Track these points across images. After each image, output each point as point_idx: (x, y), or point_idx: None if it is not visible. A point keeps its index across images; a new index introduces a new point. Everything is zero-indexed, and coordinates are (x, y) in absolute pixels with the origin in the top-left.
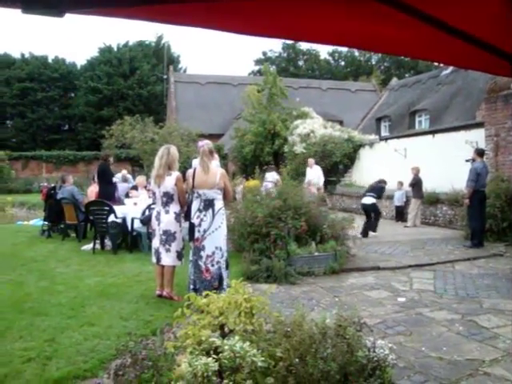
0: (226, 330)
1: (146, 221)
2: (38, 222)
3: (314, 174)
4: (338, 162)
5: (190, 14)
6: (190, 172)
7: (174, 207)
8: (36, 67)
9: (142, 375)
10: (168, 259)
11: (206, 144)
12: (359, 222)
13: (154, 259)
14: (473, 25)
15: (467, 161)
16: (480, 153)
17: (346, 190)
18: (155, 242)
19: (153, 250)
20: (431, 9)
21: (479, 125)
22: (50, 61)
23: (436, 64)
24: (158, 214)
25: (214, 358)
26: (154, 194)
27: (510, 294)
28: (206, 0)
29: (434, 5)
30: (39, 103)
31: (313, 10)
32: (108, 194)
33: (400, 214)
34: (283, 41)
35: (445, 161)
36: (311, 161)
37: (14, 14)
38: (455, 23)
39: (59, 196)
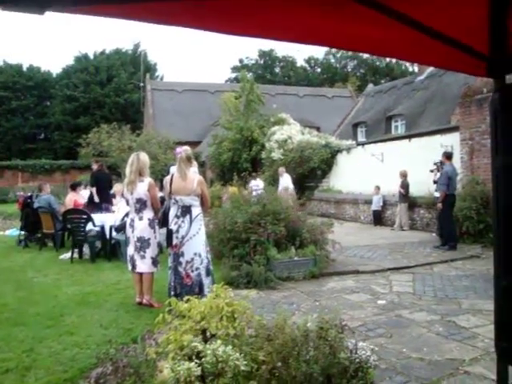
0: (207, 334)
1: (120, 228)
2: (14, 231)
3: (284, 182)
4: (315, 168)
5: (174, 13)
6: (167, 178)
7: (148, 213)
8: (10, 76)
9: (123, 383)
10: (143, 266)
11: (183, 150)
12: (338, 227)
13: (129, 266)
14: (451, 26)
15: (435, 164)
16: (448, 156)
17: (324, 196)
18: (130, 249)
19: (128, 258)
20: (409, 10)
21: (454, 129)
22: (24, 69)
23: (410, 70)
24: (132, 220)
25: (196, 363)
26: (127, 201)
27: (488, 295)
28: None
29: (413, 6)
30: (14, 112)
31: (295, 9)
32: (110, 199)
33: (377, 219)
34: (259, 48)
35: (421, 165)
36: (282, 169)
37: None
38: (433, 24)
39: (36, 205)
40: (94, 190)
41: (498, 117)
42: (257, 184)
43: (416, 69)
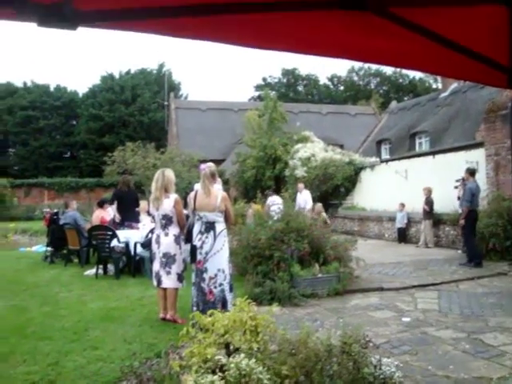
0: (231, 348)
1: (146, 244)
2: (40, 248)
3: (302, 199)
4: (339, 185)
5: (201, 27)
6: (191, 195)
7: (174, 229)
8: (38, 95)
9: None
10: (169, 282)
11: (207, 167)
12: (362, 244)
13: (154, 282)
14: (470, 38)
15: (457, 181)
16: (471, 172)
17: (348, 213)
18: (155, 265)
19: (153, 273)
20: (432, 24)
21: (479, 145)
22: (51, 89)
23: (434, 86)
24: (158, 236)
25: (219, 376)
26: (153, 217)
27: None
28: (218, 13)
29: (433, 19)
30: (42, 131)
31: (321, 24)
32: (135, 218)
33: (402, 236)
34: (283, 66)
35: (446, 181)
36: (301, 186)
37: (17, 42)
38: (455, 37)
39: (62, 221)
40: (114, 207)
41: None
42: (273, 200)
43: (440, 85)
